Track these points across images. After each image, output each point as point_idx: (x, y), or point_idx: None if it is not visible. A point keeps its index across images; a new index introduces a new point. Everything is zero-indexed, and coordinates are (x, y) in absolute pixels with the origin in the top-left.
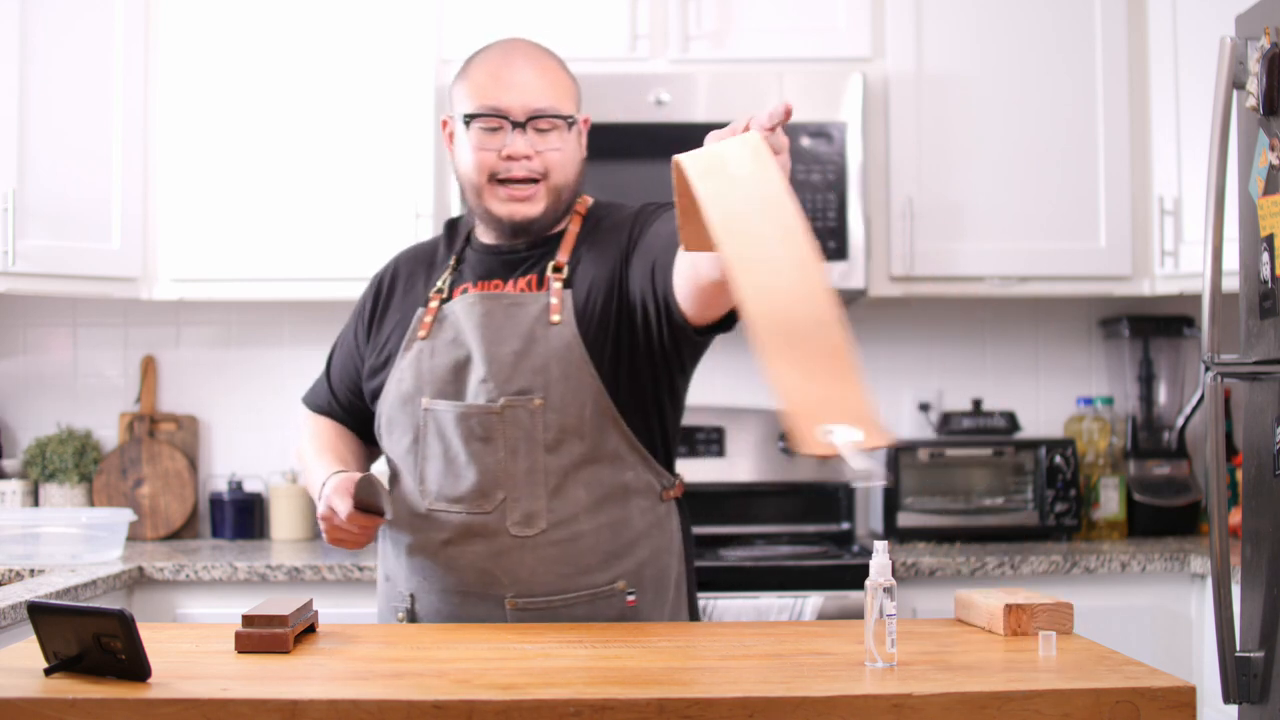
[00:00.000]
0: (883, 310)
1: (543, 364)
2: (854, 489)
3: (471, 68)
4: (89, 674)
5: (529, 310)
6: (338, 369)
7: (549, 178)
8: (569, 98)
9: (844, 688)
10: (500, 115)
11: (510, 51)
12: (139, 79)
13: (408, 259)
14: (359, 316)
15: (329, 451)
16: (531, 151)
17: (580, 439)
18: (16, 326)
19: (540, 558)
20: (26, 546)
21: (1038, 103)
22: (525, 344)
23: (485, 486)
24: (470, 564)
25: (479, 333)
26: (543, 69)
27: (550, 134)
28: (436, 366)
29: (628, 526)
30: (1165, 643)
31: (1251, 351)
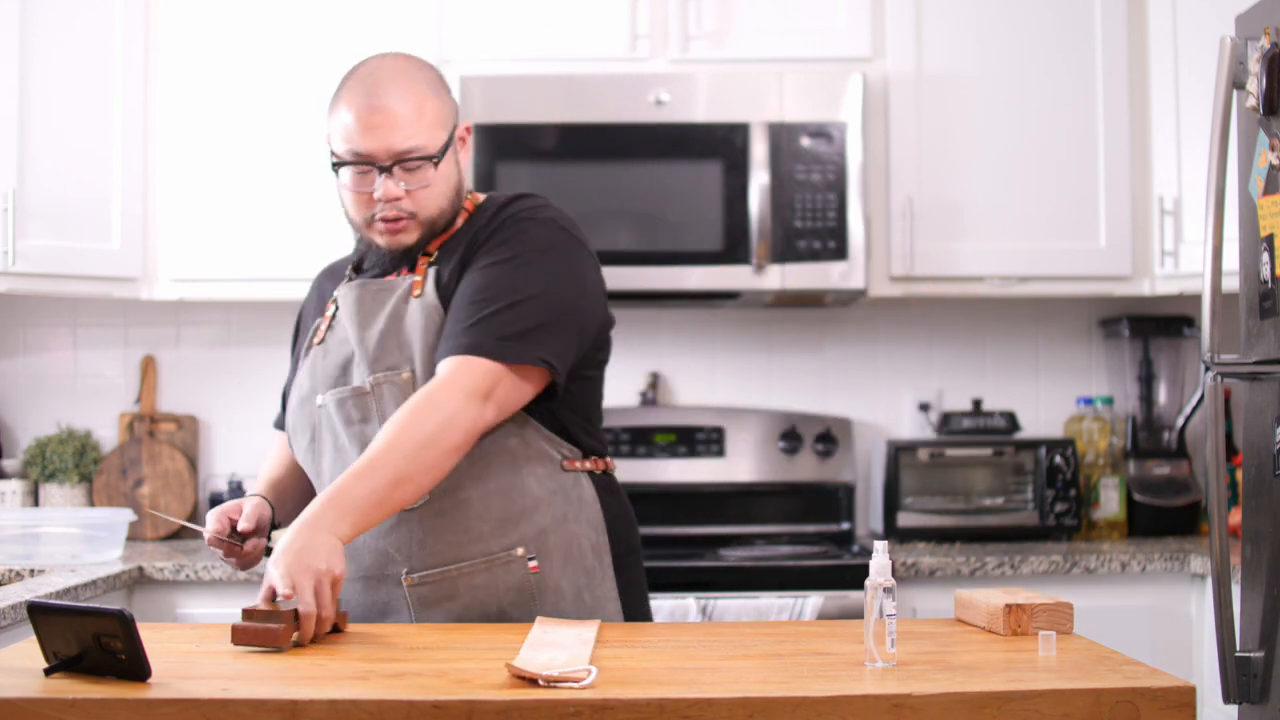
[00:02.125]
0: (883, 310)
1: (408, 338)
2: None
3: (339, 102)
4: (89, 674)
5: (395, 291)
6: (287, 386)
7: (419, 214)
8: (438, 125)
9: (844, 688)
10: (366, 162)
11: (375, 85)
12: (139, 79)
13: (321, 276)
14: (293, 344)
15: (271, 470)
16: (401, 193)
17: None
18: (16, 326)
19: (430, 529)
20: (26, 546)
21: (1038, 103)
22: (390, 322)
23: None
24: (364, 545)
25: (354, 319)
26: (409, 104)
27: (418, 171)
28: (329, 365)
29: (522, 493)
30: (1165, 643)
31: (1251, 351)
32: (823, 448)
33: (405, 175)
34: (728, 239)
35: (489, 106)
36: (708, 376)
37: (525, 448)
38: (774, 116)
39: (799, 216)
